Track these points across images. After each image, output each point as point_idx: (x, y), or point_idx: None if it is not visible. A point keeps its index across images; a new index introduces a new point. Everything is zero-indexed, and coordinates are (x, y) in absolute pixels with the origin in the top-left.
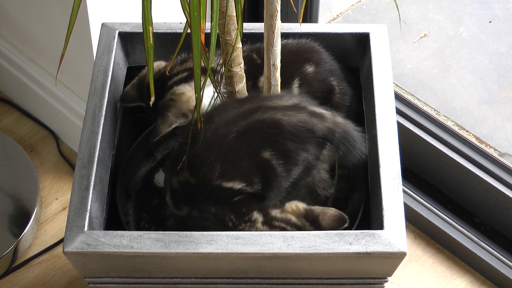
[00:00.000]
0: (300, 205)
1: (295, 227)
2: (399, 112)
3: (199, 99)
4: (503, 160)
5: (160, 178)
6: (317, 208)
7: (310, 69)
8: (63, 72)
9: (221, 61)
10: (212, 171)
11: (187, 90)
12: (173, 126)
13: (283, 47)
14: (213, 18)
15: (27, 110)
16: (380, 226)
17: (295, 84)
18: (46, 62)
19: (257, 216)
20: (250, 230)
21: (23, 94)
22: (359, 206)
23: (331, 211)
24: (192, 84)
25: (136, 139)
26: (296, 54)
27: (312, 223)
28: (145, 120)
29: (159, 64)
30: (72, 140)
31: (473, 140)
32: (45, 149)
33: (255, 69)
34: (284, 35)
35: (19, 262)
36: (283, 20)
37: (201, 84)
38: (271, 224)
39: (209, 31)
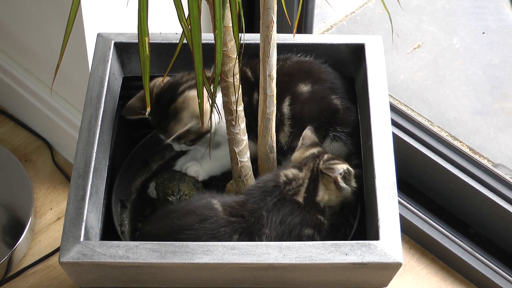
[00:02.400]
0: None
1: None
2: (393, 123)
3: (201, 105)
4: (497, 171)
5: (153, 189)
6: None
7: (304, 88)
8: (58, 82)
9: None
10: None
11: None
12: (187, 126)
13: (280, 69)
14: (217, 27)
15: (21, 120)
16: (376, 237)
17: (286, 103)
18: (41, 72)
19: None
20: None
21: (18, 104)
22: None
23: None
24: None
25: (131, 150)
26: (290, 74)
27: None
28: (141, 131)
29: (168, 79)
30: (66, 150)
31: (467, 150)
32: (39, 159)
33: (248, 85)
34: (284, 49)
35: (13, 272)
36: (277, 31)
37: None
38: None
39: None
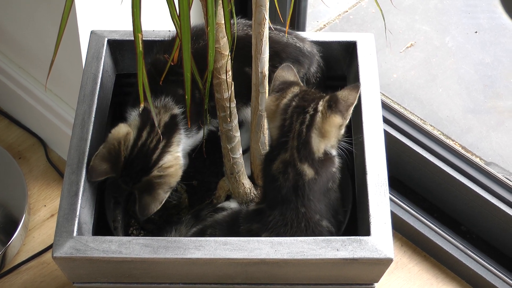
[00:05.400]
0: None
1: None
2: (386, 121)
3: (188, 100)
4: (489, 169)
5: None
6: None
7: None
8: (52, 80)
9: None
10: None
11: (173, 159)
12: (163, 201)
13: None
14: (209, 23)
15: (15, 118)
16: (367, 233)
17: None
18: (35, 70)
19: None
20: None
21: (12, 101)
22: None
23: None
24: (177, 149)
25: None
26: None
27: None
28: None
29: (126, 133)
30: (60, 148)
31: (459, 149)
32: (33, 156)
33: None
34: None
35: (7, 269)
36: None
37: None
38: None
39: None
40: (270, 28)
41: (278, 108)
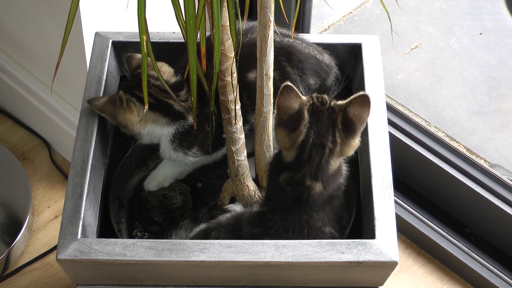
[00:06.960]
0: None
1: None
2: (390, 123)
3: (194, 102)
4: (494, 171)
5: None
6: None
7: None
8: (57, 81)
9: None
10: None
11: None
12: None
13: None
14: (214, 25)
15: (19, 119)
16: (372, 236)
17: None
18: (39, 71)
19: None
20: None
21: (16, 102)
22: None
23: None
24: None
25: (128, 148)
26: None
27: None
28: None
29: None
30: (64, 149)
31: (464, 151)
32: (37, 158)
33: None
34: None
35: (11, 270)
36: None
37: None
38: None
39: None
40: (287, 35)
41: (294, 146)
